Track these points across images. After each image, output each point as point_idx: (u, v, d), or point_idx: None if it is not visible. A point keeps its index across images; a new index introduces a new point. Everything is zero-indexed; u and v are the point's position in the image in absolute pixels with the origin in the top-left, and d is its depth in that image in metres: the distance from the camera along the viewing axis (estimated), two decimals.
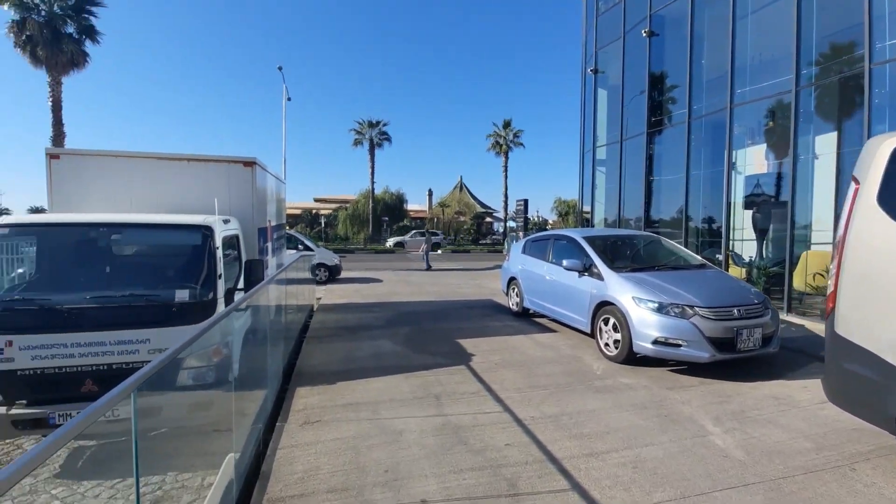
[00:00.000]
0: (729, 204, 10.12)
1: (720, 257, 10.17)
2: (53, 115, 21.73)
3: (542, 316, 8.20)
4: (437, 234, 21.58)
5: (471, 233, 41.72)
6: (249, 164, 6.61)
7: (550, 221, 59.32)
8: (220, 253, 5.12)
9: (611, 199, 13.18)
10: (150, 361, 2.14)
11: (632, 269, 6.26)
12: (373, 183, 41.27)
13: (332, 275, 16.16)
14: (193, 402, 4.73)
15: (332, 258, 16.40)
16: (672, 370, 5.55)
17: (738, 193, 10.30)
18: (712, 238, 10.78)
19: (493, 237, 46.63)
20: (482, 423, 4.05)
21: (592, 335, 6.35)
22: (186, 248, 5.29)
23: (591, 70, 14.15)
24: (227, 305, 4.88)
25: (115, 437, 4.61)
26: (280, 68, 27.19)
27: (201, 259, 5.11)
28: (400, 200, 45.32)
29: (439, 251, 33.52)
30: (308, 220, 49.39)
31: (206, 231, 5.19)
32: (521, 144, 41.92)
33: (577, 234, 7.11)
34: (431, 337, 7.09)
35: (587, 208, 15.17)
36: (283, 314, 6.88)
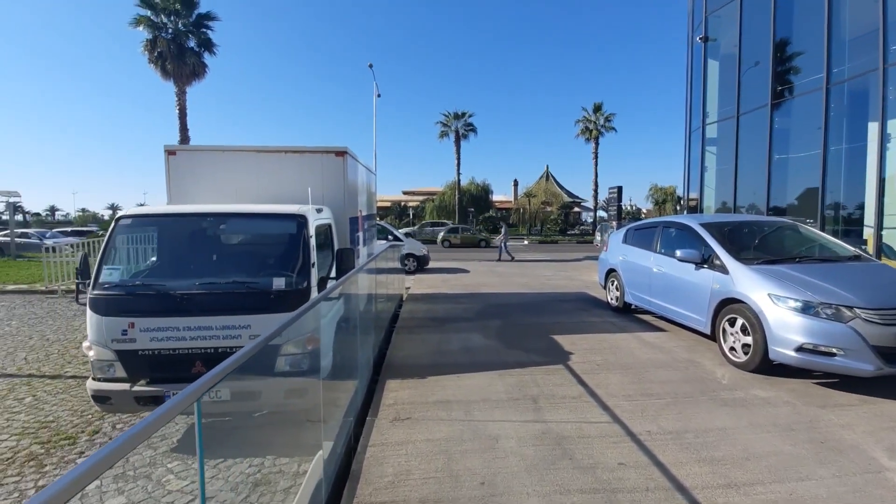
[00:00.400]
0: (881, 183, 8.36)
1: (866, 248, 8.46)
2: (180, 121, 24.29)
3: (647, 312, 7.36)
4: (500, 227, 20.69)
5: (558, 223, 40.16)
6: (341, 153, 6.58)
7: (644, 210, 55.31)
8: (313, 241, 5.09)
9: (723, 183, 11.63)
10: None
11: (764, 260, 5.26)
12: (458, 174, 41.32)
13: (420, 264, 16.26)
14: (289, 388, 4.75)
15: (420, 248, 16.50)
16: (820, 383, 4.57)
17: (894, 170, 8.47)
18: (853, 226, 9.04)
19: (582, 227, 44.58)
20: (588, 434, 3.54)
21: (712, 337, 5.47)
22: (283, 236, 5.35)
23: (700, 38, 12.55)
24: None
25: (220, 418, 4.77)
26: (371, 66, 27.94)
27: (296, 248, 5.12)
28: (485, 191, 44.93)
29: (525, 242, 32.58)
30: (397, 212, 50.88)
31: (301, 220, 5.19)
32: (613, 129, 39.38)
33: (692, 221, 6.19)
34: (524, 332, 6.63)
35: (693, 194, 13.61)
36: (374, 303, 6.83)
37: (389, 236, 16.37)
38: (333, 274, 5.52)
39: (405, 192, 59.65)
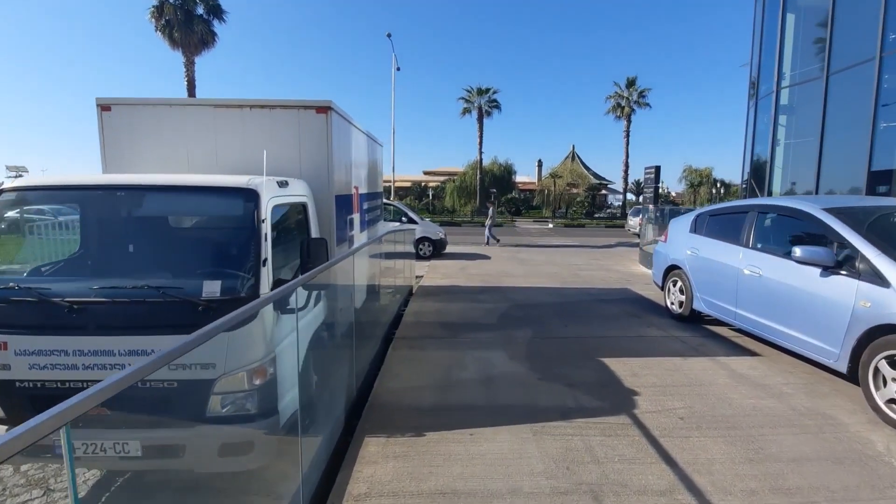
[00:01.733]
0: None
1: None
2: (188, 93, 22.90)
3: (721, 323, 5.55)
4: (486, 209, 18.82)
5: (585, 206, 37.75)
6: (323, 109, 4.89)
7: (673, 193, 52.07)
8: (267, 228, 3.45)
9: (799, 160, 9.50)
10: (171, 380, 1.90)
11: None
12: (480, 153, 39.15)
13: (436, 249, 14.60)
14: (227, 441, 3.23)
15: (436, 232, 14.80)
16: None
17: None
18: None
19: (609, 210, 42.06)
20: None
21: (853, 379, 3.66)
22: (224, 220, 3.74)
23: None
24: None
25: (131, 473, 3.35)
26: (389, 35, 25.91)
27: (241, 236, 3.51)
28: (508, 172, 42.69)
29: (550, 225, 30.51)
30: (417, 192, 49.14)
31: (249, 197, 3.55)
32: (647, 105, 36.43)
33: (810, 205, 4.28)
34: (562, 349, 4.91)
35: (755, 174, 11.47)
36: (363, 308, 5.23)
37: (403, 218, 14.74)
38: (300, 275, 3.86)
39: (426, 173, 57.70)
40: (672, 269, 6.23)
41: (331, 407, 3.71)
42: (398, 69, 29.42)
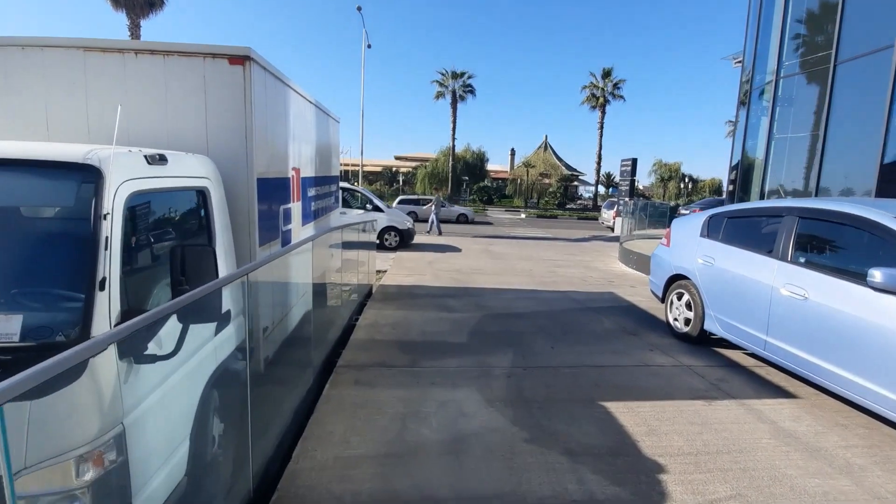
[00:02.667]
0: None
1: None
2: None
3: (736, 347, 4.57)
4: (444, 205, 17.48)
5: (557, 196, 37.11)
6: (239, 59, 3.53)
7: (642, 186, 52.28)
8: (111, 228, 2.09)
9: (799, 155, 8.69)
10: None
11: None
12: (454, 139, 37.78)
13: (403, 240, 13.32)
14: None
15: (403, 221, 13.49)
16: None
17: None
18: None
19: (581, 202, 41.65)
20: None
21: None
22: (43, 214, 2.39)
23: None
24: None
25: None
26: (359, 9, 24.02)
27: (67, 241, 2.17)
28: (481, 159, 41.54)
29: (522, 215, 29.56)
30: (388, 177, 47.39)
31: (87, 178, 2.19)
32: (622, 97, 35.85)
33: (876, 212, 3.27)
34: (552, 387, 3.78)
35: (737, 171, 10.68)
36: (291, 337, 3.99)
37: (368, 205, 13.35)
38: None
39: (397, 157, 55.83)
40: (677, 280, 5.20)
41: None
42: (369, 46, 27.57)
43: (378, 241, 13.18)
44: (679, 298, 5.10)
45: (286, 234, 4.57)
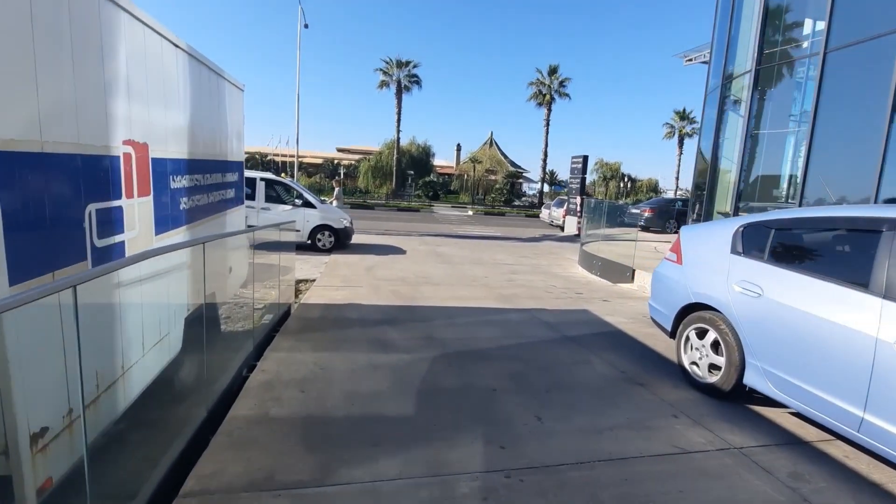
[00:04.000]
0: None
1: None
2: None
3: (777, 404, 3.24)
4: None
5: (503, 193, 36.20)
6: None
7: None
8: None
9: (778, 153, 7.79)
10: None
11: None
12: (398, 131, 35.71)
13: (339, 240, 11.34)
14: None
15: (339, 218, 11.50)
16: None
17: None
18: None
19: (526, 199, 41.13)
20: None
21: None
22: None
23: None
24: None
25: None
26: None
27: None
28: (426, 154, 39.80)
29: (469, 212, 28.25)
30: (329, 170, 44.41)
31: None
32: (567, 95, 35.43)
33: None
34: None
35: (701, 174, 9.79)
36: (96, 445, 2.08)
37: (298, 200, 11.22)
38: None
39: (340, 150, 52.68)
40: (696, 310, 3.82)
41: None
42: (306, 26, 24.85)
43: (309, 242, 11.14)
44: (701, 337, 3.72)
45: (108, 251, 2.65)
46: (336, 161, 46.27)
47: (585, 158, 19.14)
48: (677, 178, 39.59)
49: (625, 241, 11.69)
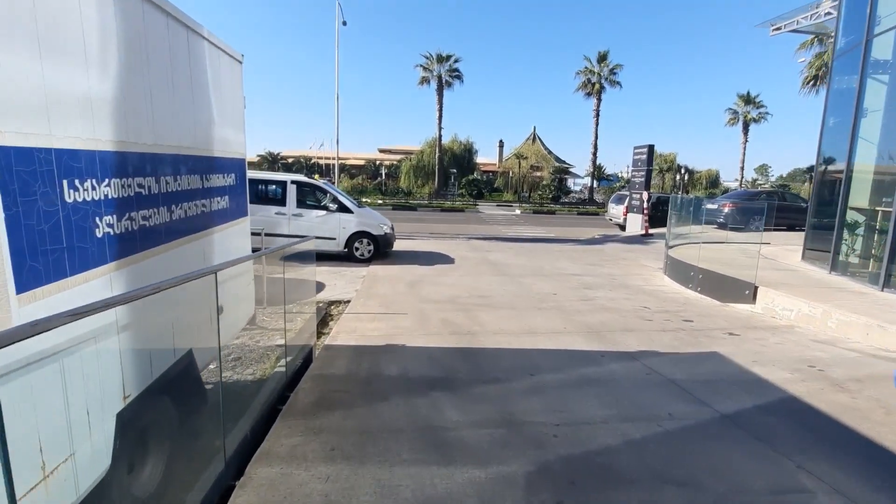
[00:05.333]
0: None
1: None
2: None
3: None
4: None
5: (550, 189, 33.81)
6: None
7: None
8: None
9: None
10: None
11: None
12: (440, 129, 34.06)
13: (379, 248, 9.82)
14: None
15: (380, 224, 9.97)
16: None
17: None
18: None
19: (574, 195, 38.46)
20: None
21: None
22: None
23: None
24: None
25: None
26: None
27: None
28: (469, 151, 37.96)
29: (517, 211, 26.20)
30: (371, 171, 43.55)
31: None
32: (618, 83, 32.51)
33: None
34: None
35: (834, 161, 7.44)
36: None
37: (333, 204, 9.77)
38: None
39: (382, 150, 51.89)
40: None
41: None
42: (344, 23, 23.63)
43: (346, 251, 9.69)
44: None
45: None
46: (378, 161, 45.41)
47: (651, 148, 16.69)
48: (742, 169, 35.59)
49: (714, 244, 9.46)
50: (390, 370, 3.82)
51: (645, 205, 15.98)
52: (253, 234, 4.53)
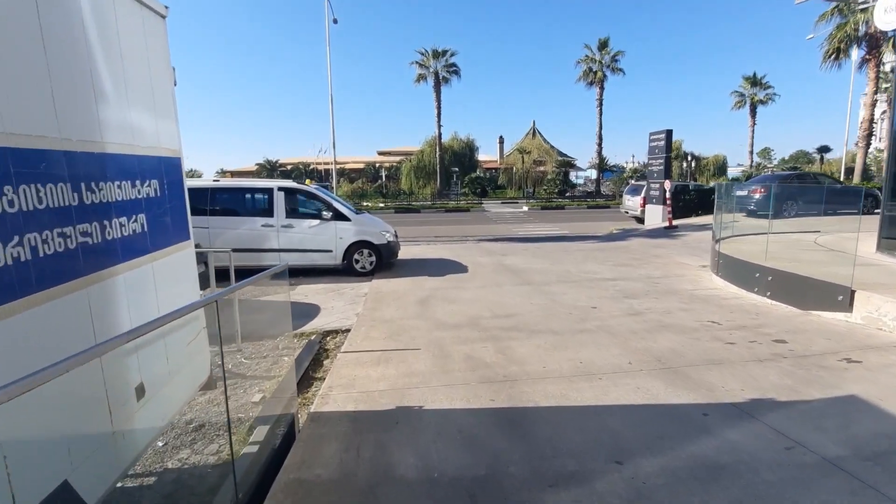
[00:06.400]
0: None
1: None
2: None
3: None
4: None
5: (556, 184, 32.41)
6: None
7: (640, 164, 47.46)
8: None
9: None
10: None
11: None
12: (439, 127, 32.73)
13: (381, 259, 8.52)
14: None
15: (381, 232, 8.66)
16: None
17: None
18: None
19: (580, 189, 37.06)
20: None
21: None
22: None
23: None
24: None
25: None
26: None
27: None
28: (470, 149, 36.64)
29: (524, 208, 24.87)
30: (371, 174, 42.28)
31: None
32: (621, 70, 31.07)
33: None
34: None
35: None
36: None
37: (327, 212, 8.46)
38: None
39: (381, 153, 50.59)
40: None
41: None
42: (335, 21, 22.40)
43: (344, 264, 8.40)
44: None
45: None
46: (378, 164, 44.13)
47: (669, 133, 15.32)
48: (752, 153, 34.06)
49: (758, 236, 8.05)
50: (405, 465, 2.50)
51: (667, 194, 14.60)
52: (207, 255, 3.23)
